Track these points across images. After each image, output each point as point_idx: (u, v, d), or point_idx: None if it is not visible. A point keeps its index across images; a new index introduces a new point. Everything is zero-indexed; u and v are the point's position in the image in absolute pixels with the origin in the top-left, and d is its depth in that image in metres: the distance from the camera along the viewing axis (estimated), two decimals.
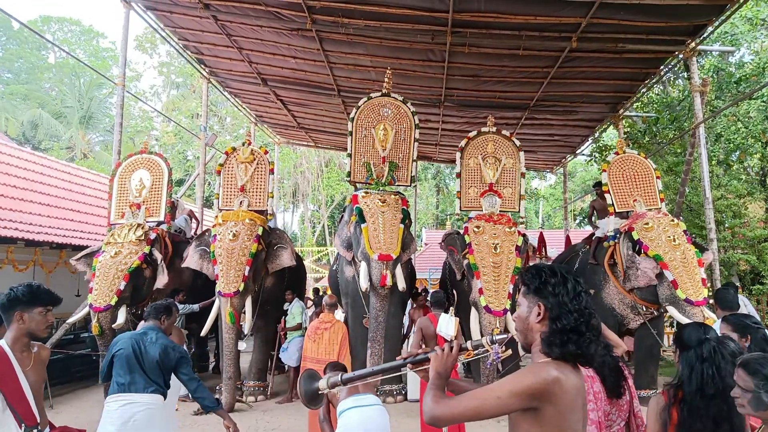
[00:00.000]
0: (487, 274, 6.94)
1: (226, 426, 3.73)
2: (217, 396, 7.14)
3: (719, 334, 2.93)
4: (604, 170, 7.86)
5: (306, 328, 8.04)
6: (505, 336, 1.90)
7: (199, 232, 9.95)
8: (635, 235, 6.80)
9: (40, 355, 2.77)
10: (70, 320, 7.58)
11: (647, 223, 6.79)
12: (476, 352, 1.89)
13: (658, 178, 7.74)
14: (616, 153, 8.01)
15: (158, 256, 7.59)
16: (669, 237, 6.53)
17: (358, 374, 2.11)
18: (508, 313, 6.60)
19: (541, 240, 13.27)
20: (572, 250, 9.73)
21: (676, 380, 2.36)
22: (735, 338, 2.84)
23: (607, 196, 7.78)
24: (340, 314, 8.33)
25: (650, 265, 6.71)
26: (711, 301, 6.36)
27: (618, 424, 2.52)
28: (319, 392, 2.17)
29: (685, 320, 6.06)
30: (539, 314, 1.71)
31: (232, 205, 7.72)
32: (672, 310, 6.34)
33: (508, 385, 1.62)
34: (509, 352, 1.92)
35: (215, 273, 7.15)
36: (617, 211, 7.65)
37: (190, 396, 7.18)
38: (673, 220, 6.85)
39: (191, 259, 7.60)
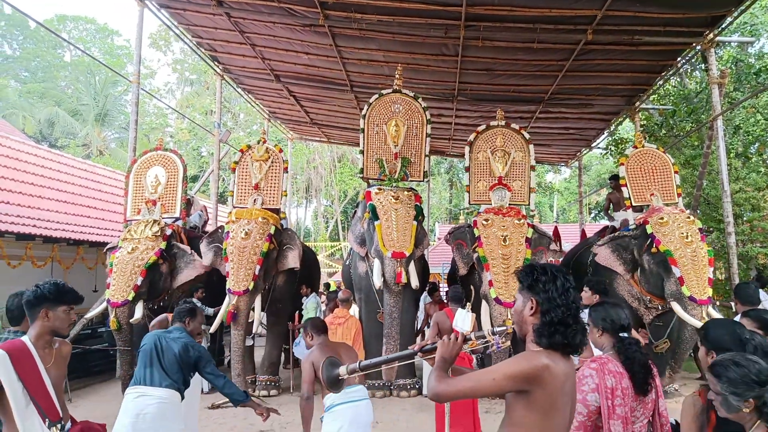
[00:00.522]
0: (497, 266, 6.96)
1: (259, 413, 3.77)
2: None
3: None
4: (622, 164, 7.77)
5: None
6: (505, 327, 2.11)
7: (208, 228, 10.04)
8: (649, 229, 6.76)
9: (62, 351, 2.80)
10: (88, 315, 7.69)
11: (662, 218, 6.74)
12: (479, 342, 2.08)
13: (676, 173, 7.65)
14: (635, 147, 7.91)
15: (185, 248, 7.71)
16: (682, 234, 6.48)
17: (374, 362, 2.27)
18: None
19: (556, 234, 13.17)
20: (586, 242, 9.68)
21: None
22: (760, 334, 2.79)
23: (624, 189, 7.70)
24: (355, 309, 8.35)
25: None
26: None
27: (641, 420, 2.49)
28: (340, 378, 2.37)
29: (686, 317, 6.13)
30: (532, 308, 1.89)
31: (246, 203, 7.76)
32: (675, 306, 6.34)
33: (504, 369, 1.80)
34: (508, 342, 2.12)
35: (226, 270, 7.20)
36: (634, 204, 7.59)
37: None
38: (689, 217, 6.78)
39: (205, 257, 7.68)
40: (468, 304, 6.06)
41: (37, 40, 36.27)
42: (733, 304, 6.29)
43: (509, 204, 7.74)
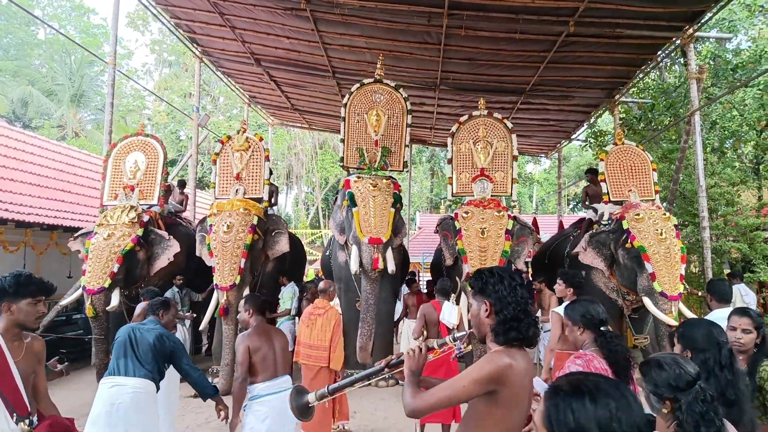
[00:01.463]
0: (474, 259, 7.02)
1: (219, 410, 3.80)
2: (213, 378, 7.18)
3: (729, 326, 2.91)
4: (602, 159, 7.87)
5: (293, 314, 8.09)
6: (465, 333, 2.21)
7: (184, 216, 9.96)
8: (625, 225, 6.86)
9: (33, 346, 2.72)
10: (63, 302, 7.55)
11: (638, 214, 6.84)
12: (441, 350, 2.17)
13: (654, 170, 7.78)
14: (615, 143, 8.00)
15: (163, 233, 7.61)
16: (657, 230, 6.59)
17: (343, 383, 2.30)
18: None
19: (534, 225, 13.31)
20: (562, 234, 9.80)
21: None
22: (753, 332, 2.82)
23: (602, 184, 7.79)
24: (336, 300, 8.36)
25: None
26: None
27: None
28: (309, 405, 2.34)
29: (657, 312, 6.21)
30: (486, 310, 2.04)
31: (229, 194, 7.69)
32: (646, 301, 6.44)
33: (471, 375, 1.90)
34: (470, 347, 2.21)
35: (212, 265, 7.14)
36: (612, 200, 7.68)
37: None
38: (665, 214, 6.89)
39: (197, 246, 7.66)
40: (452, 295, 6.10)
41: (8, 16, 35.01)
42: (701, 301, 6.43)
43: (491, 195, 7.77)
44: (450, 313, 5.49)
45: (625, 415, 1.19)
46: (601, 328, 2.60)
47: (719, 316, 4.17)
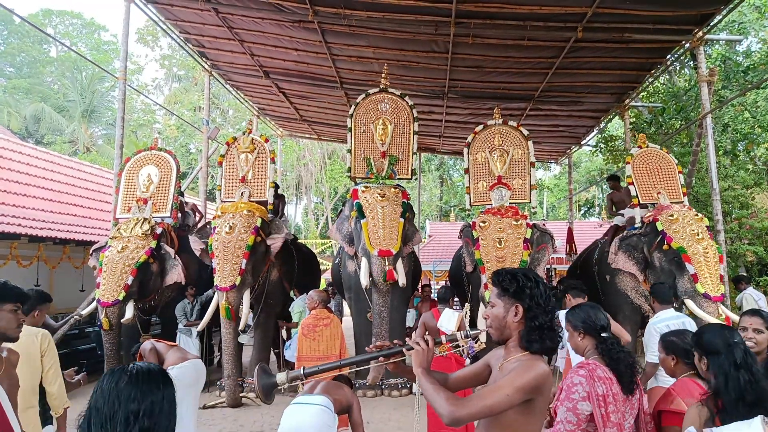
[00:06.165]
0: (492, 269, 6.92)
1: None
2: (221, 392, 7.14)
3: (740, 326, 2.88)
4: (628, 162, 7.73)
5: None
6: (478, 330, 2.15)
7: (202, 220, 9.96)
8: (659, 226, 6.70)
9: (11, 359, 2.56)
10: (76, 315, 7.57)
11: (672, 215, 6.69)
12: (450, 345, 2.09)
13: (680, 172, 7.65)
14: (639, 146, 7.90)
15: (170, 250, 7.57)
16: (693, 231, 6.43)
17: (323, 367, 2.14)
18: None
19: None
20: (594, 243, 9.61)
21: (711, 389, 2.30)
22: (765, 332, 2.81)
23: (630, 188, 7.65)
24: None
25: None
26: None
27: (629, 422, 2.48)
28: (278, 386, 2.14)
29: (702, 314, 5.98)
30: (516, 314, 1.93)
31: (234, 197, 7.66)
32: (690, 304, 6.21)
33: (514, 383, 1.80)
34: (484, 345, 2.14)
35: (213, 267, 7.09)
36: (641, 202, 7.53)
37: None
38: (697, 215, 6.75)
39: (196, 252, 7.60)
40: (456, 302, 6.02)
41: (21, 35, 35.65)
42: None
43: (509, 203, 7.72)
44: (448, 320, 5.37)
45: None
46: (602, 335, 2.54)
47: (663, 317, 4.34)
